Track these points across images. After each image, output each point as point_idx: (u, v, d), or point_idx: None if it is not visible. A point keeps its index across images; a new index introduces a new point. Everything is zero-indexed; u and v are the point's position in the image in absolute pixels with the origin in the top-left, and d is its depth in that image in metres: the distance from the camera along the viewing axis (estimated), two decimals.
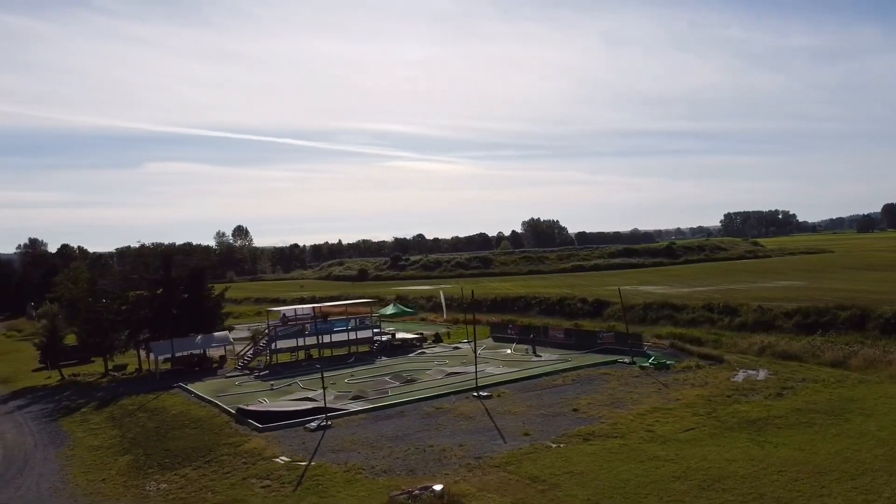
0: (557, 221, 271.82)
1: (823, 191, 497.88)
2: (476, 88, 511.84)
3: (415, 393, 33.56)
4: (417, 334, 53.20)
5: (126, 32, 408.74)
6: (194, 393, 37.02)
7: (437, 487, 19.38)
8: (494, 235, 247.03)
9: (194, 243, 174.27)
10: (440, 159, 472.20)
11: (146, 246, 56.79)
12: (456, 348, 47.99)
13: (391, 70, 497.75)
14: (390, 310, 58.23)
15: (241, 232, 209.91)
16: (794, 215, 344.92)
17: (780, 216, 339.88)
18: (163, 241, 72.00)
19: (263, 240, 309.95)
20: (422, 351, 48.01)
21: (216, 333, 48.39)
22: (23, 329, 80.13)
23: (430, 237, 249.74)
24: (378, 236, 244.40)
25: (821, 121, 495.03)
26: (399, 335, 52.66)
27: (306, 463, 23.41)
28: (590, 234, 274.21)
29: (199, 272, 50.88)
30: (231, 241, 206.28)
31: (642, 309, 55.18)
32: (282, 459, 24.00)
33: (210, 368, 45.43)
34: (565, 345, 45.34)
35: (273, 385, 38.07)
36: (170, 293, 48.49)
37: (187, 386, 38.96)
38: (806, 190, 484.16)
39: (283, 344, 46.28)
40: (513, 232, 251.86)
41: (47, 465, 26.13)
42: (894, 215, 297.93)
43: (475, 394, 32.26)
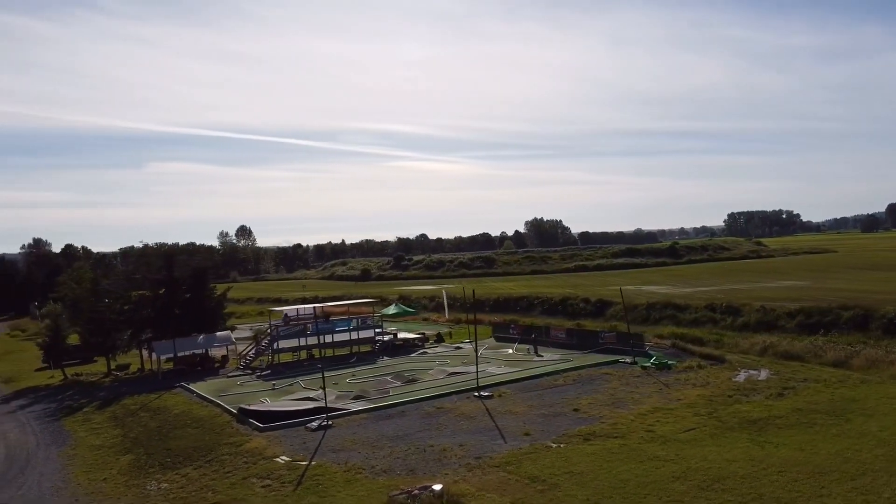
0: (560, 221, 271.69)
1: (827, 190, 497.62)
2: (478, 88, 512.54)
3: (416, 393, 33.59)
4: (419, 334, 53.23)
5: (128, 33, 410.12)
6: (196, 392, 37.10)
7: (437, 487, 19.39)
8: (497, 235, 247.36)
9: (197, 243, 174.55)
10: (443, 159, 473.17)
11: (149, 246, 56.85)
12: (458, 348, 48.00)
13: (393, 70, 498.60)
14: (392, 310, 58.34)
15: (245, 232, 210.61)
16: (798, 215, 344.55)
17: (784, 216, 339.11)
18: (166, 241, 72.15)
19: (267, 240, 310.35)
20: (424, 351, 48.03)
21: (218, 333, 48.50)
22: (26, 329, 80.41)
23: (433, 237, 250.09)
24: (381, 236, 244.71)
25: (824, 120, 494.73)
26: (401, 335, 52.70)
27: (307, 463, 23.45)
28: (593, 234, 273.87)
29: (202, 272, 50.99)
30: (234, 241, 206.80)
31: (645, 309, 55.13)
32: (282, 459, 24.05)
33: (212, 368, 45.55)
34: (567, 345, 45.34)
35: (275, 385, 38.15)
36: (172, 293, 48.64)
37: (189, 386, 39.05)
38: (810, 190, 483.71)
39: (285, 344, 46.40)
40: (516, 232, 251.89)
41: (49, 465, 26.20)
42: None
43: (476, 394, 32.27)
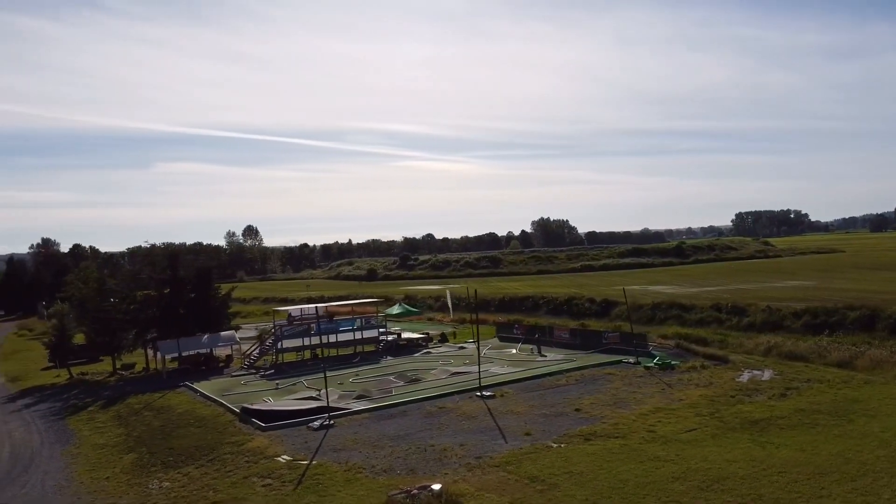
0: (567, 221, 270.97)
1: (836, 190, 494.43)
2: (484, 88, 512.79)
3: (418, 392, 33.63)
4: (423, 334, 53.28)
5: (135, 33, 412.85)
6: (200, 392, 37.27)
7: (436, 487, 19.40)
8: (504, 235, 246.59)
9: (204, 243, 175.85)
10: (449, 159, 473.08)
11: (156, 246, 57.08)
12: (461, 348, 48.01)
13: (399, 70, 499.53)
14: (396, 309, 58.36)
15: (251, 232, 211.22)
16: (807, 215, 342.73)
17: (792, 216, 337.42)
18: (173, 241, 72.53)
19: (273, 239, 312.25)
20: (427, 351, 48.07)
21: (222, 333, 48.69)
22: (34, 328, 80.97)
23: (440, 237, 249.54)
24: (387, 236, 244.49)
25: (833, 119, 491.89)
26: (405, 335, 52.75)
27: (307, 462, 23.52)
28: (600, 234, 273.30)
29: (206, 272, 51.19)
30: (241, 241, 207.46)
31: (650, 309, 54.91)
32: (283, 458, 24.11)
33: (216, 367, 45.74)
34: (570, 345, 45.28)
35: (278, 384, 38.27)
36: (177, 293, 48.86)
37: (193, 385, 39.22)
38: (818, 189, 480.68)
39: (289, 343, 46.53)
40: (522, 231, 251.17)
41: (53, 463, 26.37)
42: None
43: (478, 393, 32.27)
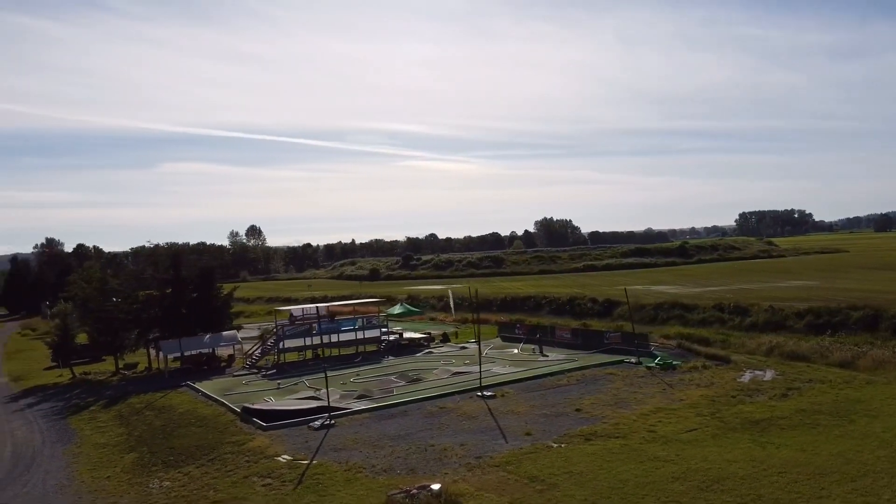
0: (570, 221, 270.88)
1: (840, 190, 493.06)
2: (487, 88, 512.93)
3: (419, 392, 33.63)
4: (425, 334, 53.28)
5: (140, 34, 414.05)
6: (202, 391, 37.33)
7: (435, 487, 19.40)
8: (507, 235, 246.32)
9: (208, 243, 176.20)
10: (453, 159, 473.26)
11: (159, 246, 57.20)
12: (463, 348, 47.98)
13: (403, 70, 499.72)
14: (398, 309, 58.38)
15: (255, 232, 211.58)
16: (811, 214, 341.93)
17: (796, 215, 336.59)
18: (177, 241, 72.63)
19: (276, 239, 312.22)
20: (429, 350, 48.07)
21: (224, 332, 48.79)
22: (37, 328, 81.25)
23: (443, 237, 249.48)
24: (390, 236, 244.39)
25: (837, 119, 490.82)
26: (407, 335, 52.74)
27: (307, 461, 23.54)
28: (603, 234, 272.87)
29: (208, 272, 51.30)
30: (244, 241, 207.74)
31: (653, 309, 54.82)
32: (284, 458, 24.14)
33: (218, 367, 45.82)
34: (572, 345, 45.22)
35: (279, 384, 38.31)
36: (179, 292, 48.95)
37: (195, 384, 39.29)
38: (822, 189, 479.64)
39: (291, 343, 46.56)
40: (525, 231, 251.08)
41: (54, 463, 26.46)
42: None
43: (479, 393, 32.26)
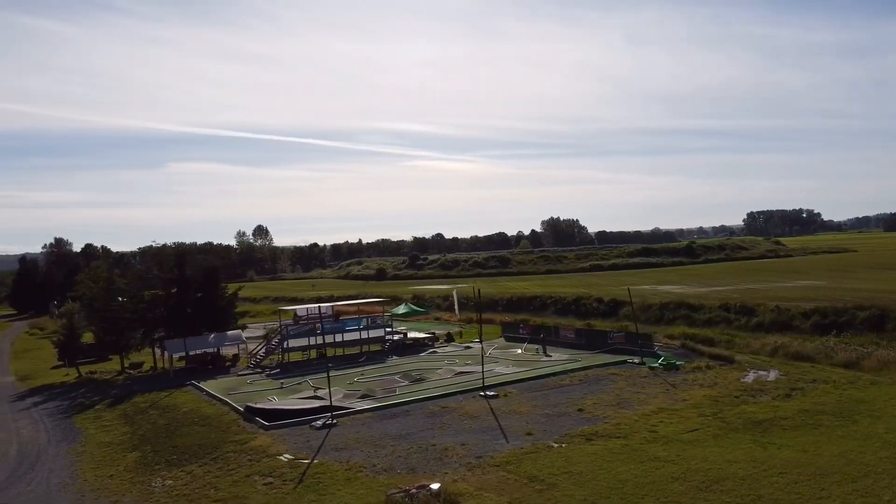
0: (577, 221, 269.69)
1: (849, 189, 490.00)
2: (494, 87, 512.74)
3: (422, 392, 33.65)
4: (429, 334, 53.32)
5: (146, 33, 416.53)
6: (206, 391, 37.49)
7: (435, 486, 19.42)
8: (514, 235, 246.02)
9: (215, 243, 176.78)
10: (459, 158, 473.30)
11: (166, 245, 57.45)
12: (467, 348, 47.98)
13: (409, 69, 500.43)
14: (402, 309, 58.46)
15: (262, 231, 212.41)
16: (819, 214, 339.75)
17: (805, 215, 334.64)
18: (184, 241, 72.84)
19: (283, 239, 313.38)
20: (433, 350, 48.11)
21: (229, 332, 48.97)
22: (45, 327, 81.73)
23: (450, 237, 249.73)
24: (397, 236, 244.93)
25: (846, 118, 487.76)
26: (411, 334, 52.83)
27: (309, 461, 23.61)
28: (610, 234, 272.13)
29: (213, 271, 51.50)
30: (251, 241, 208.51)
31: (659, 309, 54.69)
32: (285, 457, 24.22)
33: (223, 367, 46.00)
34: (576, 345, 45.14)
35: (283, 383, 38.42)
36: (184, 292, 49.19)
37: (199, 384, 39.46)
38: (831, 188, 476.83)
39: (295, 343, 46.69)
40: (532, 231, 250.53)
41: (58, 461, 26.63)
42: None
43: (482, 393, 32.26)
